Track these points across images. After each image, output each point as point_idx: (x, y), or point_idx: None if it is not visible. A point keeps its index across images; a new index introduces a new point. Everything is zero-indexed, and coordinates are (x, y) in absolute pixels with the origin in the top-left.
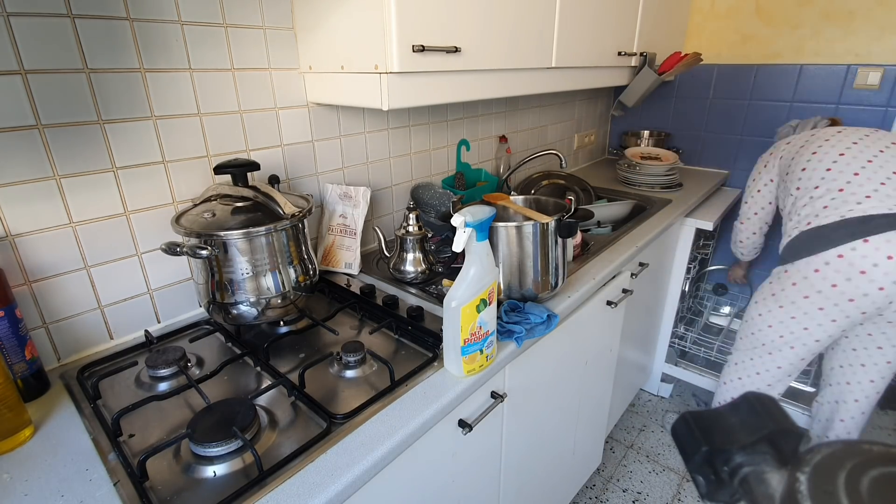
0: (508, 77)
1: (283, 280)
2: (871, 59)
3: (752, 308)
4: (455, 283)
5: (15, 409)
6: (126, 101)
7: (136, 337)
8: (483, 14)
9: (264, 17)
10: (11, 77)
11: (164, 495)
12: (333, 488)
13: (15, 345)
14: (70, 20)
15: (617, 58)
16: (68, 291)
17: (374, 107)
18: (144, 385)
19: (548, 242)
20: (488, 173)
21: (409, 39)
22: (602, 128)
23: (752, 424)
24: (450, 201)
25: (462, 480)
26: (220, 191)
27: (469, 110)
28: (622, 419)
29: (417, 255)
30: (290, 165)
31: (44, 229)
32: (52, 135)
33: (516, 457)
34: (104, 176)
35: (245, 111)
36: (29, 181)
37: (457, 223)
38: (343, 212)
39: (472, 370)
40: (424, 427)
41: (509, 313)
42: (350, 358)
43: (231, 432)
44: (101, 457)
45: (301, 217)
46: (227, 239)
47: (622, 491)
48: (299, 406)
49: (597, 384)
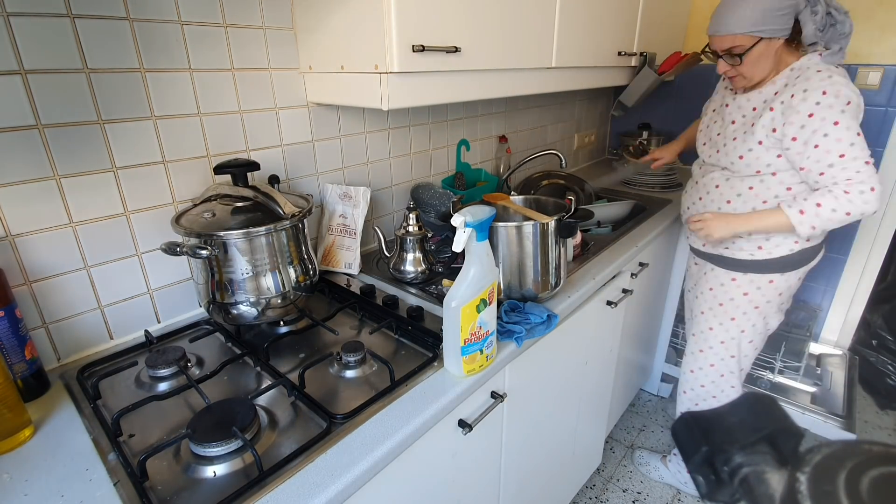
0: (508, 77)
1: (283, 280)
2: (871, 59)
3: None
4: (455, 283)
5: (15, 409)
6: (126, 101)
7: (136, 337)
8: (483, 14)
9: (264, 17)
10: (11, 77)
11: (164, 495)
12: (333, 488)
13: (15, 345)
14: (70, 20)
15: (617, 58)
16: (68, 291)
17: (374, 107)
18: (144, 385)
19: (548, 242)
20: (488, 173)
21: (408, 39)
22: (602, 128)
23: (752, 424)
24: (450, 201)
25: (462, 480)
26: (220, 191)
27: (469, 110)
28: (622, 419)
29: (417, 255)
30: (290, 165)
31: (44, 229)
32: (51, 135)
33: (516, 457)
34: (104, 176)
35: (245, 111)
36: (29, 181)
37: (457, 223)
38: (343, 212)
39: (472, 370)
40: (424, 427)
41: (509, 313)
42: (350, 358)
43: (231, 432)
44: (101, 457)
45: (301, 217)
46: (227, 239)
47: (622, 491)
48: (299, 406)
49: (597, 384)
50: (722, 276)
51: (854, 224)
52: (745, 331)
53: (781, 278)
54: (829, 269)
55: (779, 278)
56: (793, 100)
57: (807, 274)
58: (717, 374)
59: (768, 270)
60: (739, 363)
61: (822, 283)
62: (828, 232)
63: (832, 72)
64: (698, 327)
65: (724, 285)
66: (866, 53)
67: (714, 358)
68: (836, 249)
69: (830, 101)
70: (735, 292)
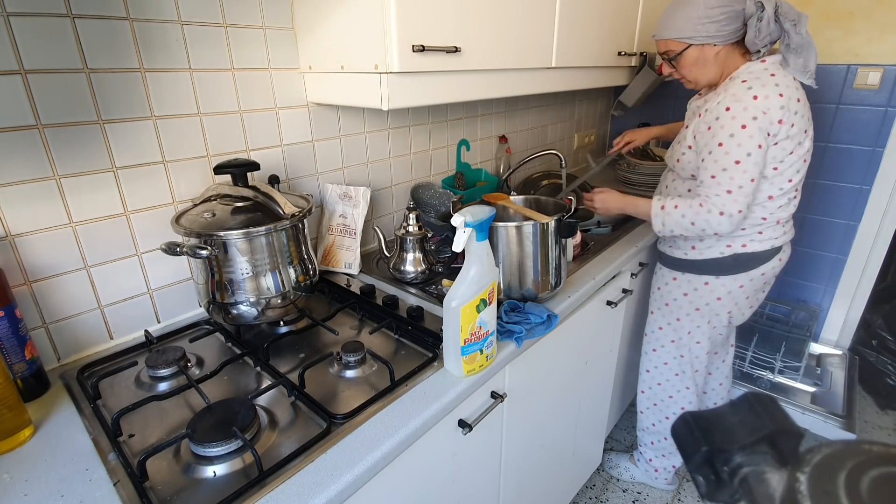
0: (508, 77)
1: (283, 280)
2: (871, 59)
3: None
4: (455, 283)
5: (15, 409)
6: (126, 101)
7: (136, 337)
8: (483, 14)
9: (264, 17)
10: (11, 77)
11: (163, 495)
12: (333, 488)
13: (15, 345)
14: (70, 20)
15: (617, 58)
16: (68, 291)
17: (374, 107)
18: (144, 385)
19: (548, 242)
20: (488, 173)
21: (408, 39)
22: (602, 128)
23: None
24: (450, 201)
25: (462, 480)
26: (220, 191)
27: (469, 110)
28: (622, 419)
29: (417, 255)
30: (290, 165)
31: (44, 229)
32: (51, 135)
33: (516, 457)
34: (104, 176)
35: (245, 111)
36: (29, 181)
37: (457, 223)
38: (343, 212)
39: (472, 370)
40: (424, 427)
41: (509, 313)
42: (350, 358)
43: (231, 432)
44: (101, 457)
45: (301, 217)
46: (227, 239)
47: (622, 491)
48: (299, 406)
49: (597, 384)
50: (666, 275)
51: (854, 224)
52: (691, 332)
53: (717, 282)
54: (829, 269)
55: (714, 281)
56: (709, 108)
57: (764, 283)
58: (672, 373)
59: (702, 272)
60: (692, 364)
61: (822, 283)
62: (785, 242)
63: (758, 81)
64: (650, 326)
65: (668, 285)
66: (866, 53)
67: (667, 356)
68: (836, 249)
69: (726, 119)
70: (677, 292)
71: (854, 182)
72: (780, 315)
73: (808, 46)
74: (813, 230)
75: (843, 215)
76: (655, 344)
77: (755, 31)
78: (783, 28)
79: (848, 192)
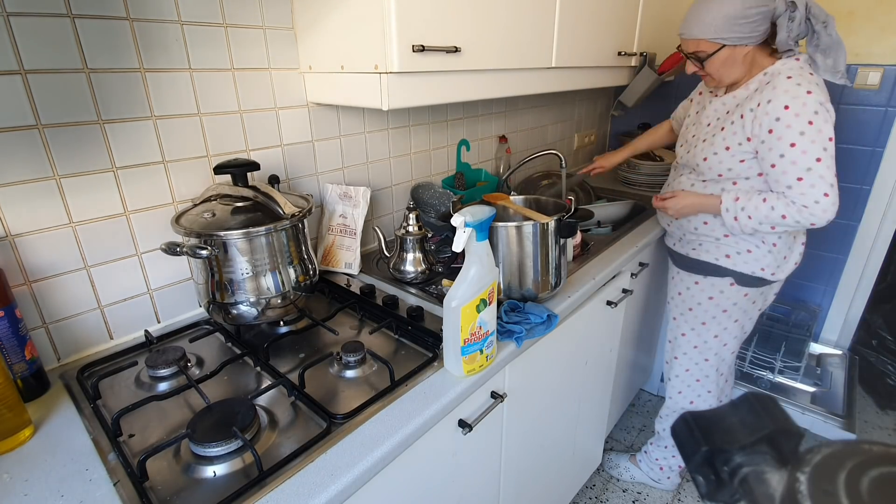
0: (508, 77)
1: (283, 280)
2: (871, 59)
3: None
4: (455, 283)
5: (15, 409)
6: (126, 101)
7: (136, 337)
8: (483, 14)
9: (264, 17)
10: (11, 77)
11: (163, 495)
12: (333, 488)
13: (15, 345)
14: (70, 20)
15: (617, 58)
16: (68, 291)
17: (374, 107)
18: (144, 385)
19: (548, 242)
20: (488, 173)
21: (409, 39)
22: (602, 128)
23: (752, 424)
24: (450, 201)
25: (462, 480)
26: (220, 191)
27: (469, 110)
28: (622, 419)
29: (417, 255)
30: (290, 165)
31: (44, 229)
32: (51, 135)
33: (516, 457)
34: (104, 176)
35: (245, 111)
36: (29, 181)
37: (457, 223)
38: (343, 212)
39: (472, 370)
40: (424, 427)
41: (509, 313)
42: (350, 358)
43: (231, 432)
44: (101, 457)
45: (301, 217)
46: (227, 239)
47: (622, 491)
48: (299, 406)
49: (597, 384)
50: (686, 280)
51: (854, 224)
52: (718, 335)
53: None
54: (829, 269)
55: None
56: (758, 109)
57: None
58: (693, 379)
59: (728, 274)
60: (717, 368)
61: (822, 283)
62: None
63: (803, 78)
64: (672, 333)
65: (690, 289)
66: (866, 53)
67: (689, 363)
68: (836, 249)
69: (789, 119)
70: (700, 296)
71: (854, 182)
72: (779, 315)
73: (837, 46)
74: (813, 230)
75: (843, 215)
76: (678, 351)
77: (787, 30)
78: (813, 29)
79: (848, 191)
